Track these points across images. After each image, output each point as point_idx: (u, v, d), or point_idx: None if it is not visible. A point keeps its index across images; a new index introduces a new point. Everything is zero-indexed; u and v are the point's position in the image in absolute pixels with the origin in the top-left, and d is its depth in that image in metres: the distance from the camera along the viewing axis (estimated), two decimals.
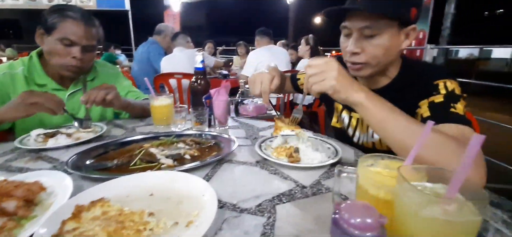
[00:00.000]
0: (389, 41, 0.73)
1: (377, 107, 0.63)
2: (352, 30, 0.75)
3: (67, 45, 1.03)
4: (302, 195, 0.60)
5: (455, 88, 0.72)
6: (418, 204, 0.31)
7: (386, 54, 0.75)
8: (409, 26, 0.75)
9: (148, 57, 2.83)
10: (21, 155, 0.83)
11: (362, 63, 0.77)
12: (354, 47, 0.76)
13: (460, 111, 0.68)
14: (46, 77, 1.10)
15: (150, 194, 0.57)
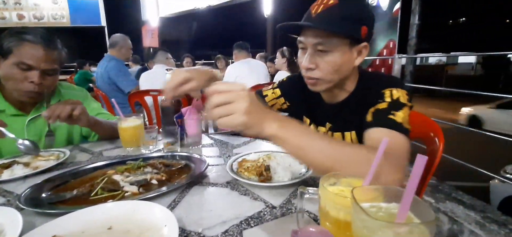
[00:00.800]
0: (341, 58, 0.76)
1: (292, 136, 0.58)
2: (307, 45, 0.78)
3: (24, 70, 0.97)
4: (271, 216, 0.59)
5: (400, 97, 0.73)
6: (370, 228, 0.31)
7: (338, 71, 0.78)
8: (360, 44, 0.77)
9: (108, 76, 2.60)
10: None
11: (316, 78, 0.79)
12: (308, 62, 0.78)
13: (398, 118, 0.69)
14: (4, 102, 1.04)
15: (109, 228, 0.53)
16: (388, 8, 4.90)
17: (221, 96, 0.55)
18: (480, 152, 3.55)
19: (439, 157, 0.89)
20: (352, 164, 0.58)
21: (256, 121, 0.56)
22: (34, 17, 9.31)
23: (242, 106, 0.54)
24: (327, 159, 0.58)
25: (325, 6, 0.74)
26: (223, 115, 0.54)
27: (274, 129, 0.57)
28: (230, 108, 0.54)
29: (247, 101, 0.54)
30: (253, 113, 0.55)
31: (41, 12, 9.40)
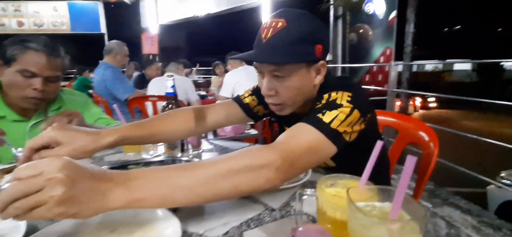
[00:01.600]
0: (299, 81, 0.72)
1: (149, 190, 0.48)
2: (264, 71, 0.75)
3: (27, 77, 0.99)
4: (270, 218, 0.60)
5: (338, 98, 0.67)
6: (365, 225, 0.32)
7: (299, 93, 0.75)
8: (318, 62, 0.73)
9: (105, 86, 2.57)
10: None
11: (278, 104, 0.77)
12: (267, 90, 0.74)
13: (327, 118, 0.63)
14: (6, 108, 1.05)
15: (111, 231, 0.54)
16: (384, 16, 5.00)
17: (23, 185, 0.40)
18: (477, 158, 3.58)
19: (434, 162, 0.91)
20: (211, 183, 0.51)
21: (86, 203, 0.43)
22: (34, 24, 9.35)
23: (55, 194, 0.40)
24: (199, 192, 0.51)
25: (274, 30, 0.69)
26: (27, 210, 0.40)
27: (123, 198, 0.46)
28: (38, 199, 0.40)
29: (63, 186, 0.41)
30: (77, 195, 0.42)
31: (41, 19, 9.45)
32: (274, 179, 0.55)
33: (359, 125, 0.68)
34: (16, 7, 9.29)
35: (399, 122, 1.08)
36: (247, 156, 0.55)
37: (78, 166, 0.45)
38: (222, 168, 0.53)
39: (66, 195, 0.41)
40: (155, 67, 4.40)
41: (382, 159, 0.93)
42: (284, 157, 0.56)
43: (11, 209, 0.40)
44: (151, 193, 0.48)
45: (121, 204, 0.46)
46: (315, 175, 0.81)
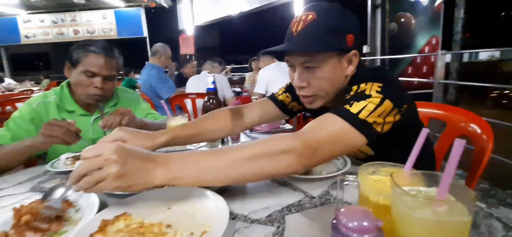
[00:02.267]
0: (331, 72, 0.72)
1: (185, 169, 0.57)
2: (294, 63, 0.75)
3: (90, 76, 1.13)
4: (310, 205, 0.62)
5: (367, 89, 0.66)
6: (410, 207, 0.33)
7: (331, 84, 0.74)
8: (349, 52, 0.73)
9: (150, 85, 2.79)
10: (52, 177, 0.91)
11: (310, 96, 0.77)
12: (299, 81, 0.75)
13: (355, 108, 0.63)
14: (75, 104, 1.21)
15: (168, 208, 0.62)
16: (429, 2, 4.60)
17: (88, 163, 0.51)
18: None
19: (488, 157, 0.84)
20: (237, 165, 0.58)
21: (135, 179, 0.53)
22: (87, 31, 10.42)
23: (112, 171, 0.50)
24: (227, 173, 0.58)
25: (305, 23, 0.70)
26: (93, 183, 0.51)
27: (163, 176, 0.55)
28: (100, 176, 0.51)
29: (118, 165, 0.51)
30: (129, 173, 0.52)
31: (92, 27, 10.48)
32: (296, 165, 0.59)
33: (393, 117, 0.66)
34: (72, 17, 10.44)
35: (447, 113, 1.01)
36: (271, 143, 0.60)
37: (128, 149, 0.55)
38: (247, 153, 0.58)
39: (120, 172, 0.51)
40: (191, 65, 4.63)
41: (427, 152, 0.89)
42: (307, 145, 0.59)
43: (82, 182, 0.52)
44: (186, 173, 0.57)
45: (162, 181, 0.55)
46: (353, 167, 0.81)
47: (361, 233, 0.35)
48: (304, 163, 0.60)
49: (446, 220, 0.31)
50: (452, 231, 0.31)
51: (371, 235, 0.35)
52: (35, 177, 0.92)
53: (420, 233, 0.33)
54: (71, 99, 1.21)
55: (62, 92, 1.21)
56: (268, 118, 1.05)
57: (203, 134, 0.94)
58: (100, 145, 0.55)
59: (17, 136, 1.06)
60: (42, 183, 0.87)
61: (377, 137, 0.65)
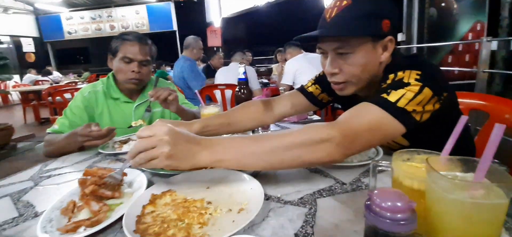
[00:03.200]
0: (364, 58, 0.71)
1: (229, 154, 0.61)
2: (327, 50, 0.75)
3: (127, 62, 1.26)
4: (342, 190, 0.64)
5: (404, 77, 0.65)
6: (446, 189, 0.34)
7: (364, 71, 0.73)
8: (385, 38, 0.71)
9: (183, 76, 2.95)
10: (103, 158, 1.03)
11: (342, 82, 0.76)
12: (331, 68, 0.74)
13: (393, 97, 0.62)
14: (119, 93, 1.34)
15: (207, 187, 0.67)
16: None
17: (143, 142, 0.58)
18: None
19: None
20: (277, 152, 0.60)
21: (183, 160, 0.58)
22: (121, 26, 11.05)
23: (164, 150, 0.56)
24: (267, 159, 0.60)
25: (339, 8, 0.69)
26: (147, 160, 0.57)
27: (207, 158, 0.59)
28: (153, 154, 0.57)
29: (168, 145, 0.56)
30: (177, 153, 0.57)
31: (127, 22, 11.08)
32: (334, 154, 0.60)
33: (433, 105, 0.65)
34: (108, 13, 11.13)
35: (490, 104, 0.96)
36: (310, 132, 0.61)
37: (178, 132, 0.60)
38: (286, 141, 0.61)
39: (171, 152, 0.57)
40: (218, 57, 4.74)
41: (466, 143, 0.85)
42: (345, 134, 0.60)
43: (138, 158, 0.58)
44: (229, 156, 0.61)
45: (206, 163, 0.61)
46: (386, 157, 0.81)
47: (395, 213, 0.36)
48: (343, 152, 0.60)
49: (482, 202, 0.32)
50: (488, 213, 0.32)
51: (404, 215, 0.36)
52: (89, 158, 1.04)
53: (455, 216, 0.34)
54: (116, 87, 1.33)
55: (108, 81, 1.35)
56: (298, 109, 1.06)
57: (234, 124, 0.99)
58: (155, 126, 0.60)
59: (74, 123, 1.20)
60: (96, 163, 0.98)
61: (416, 126, 0.64)
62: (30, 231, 0.58)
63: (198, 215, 0.54)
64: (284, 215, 0.56)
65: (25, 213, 0.65)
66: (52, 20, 11.47)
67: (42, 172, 0.93)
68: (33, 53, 11.79)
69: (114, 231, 0.55)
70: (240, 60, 2.99)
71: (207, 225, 0.53)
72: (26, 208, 0.68)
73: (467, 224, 0.35)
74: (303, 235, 0.49)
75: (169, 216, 0.55)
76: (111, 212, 0.61)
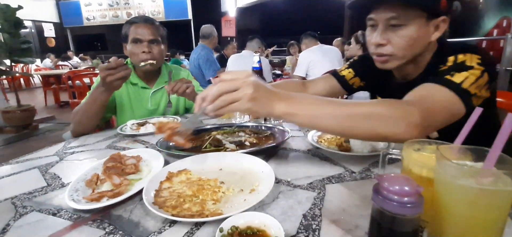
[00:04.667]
0: (416, 32, 0.71)
1: (304, 109, 0.60)
2: (378, 21, 0.75)
3: (137, 43, 1.30)
4: (351, 178, 0.66)
5: (466, 60, 0.66)
6: (454, 176, 0.35)
7: (413, 46, 0.73)
8: (439, 17, 0.71)
9: (198, 64, 2.99)
10: (121, 139, 1.08)
11: (387, 55, 0.76)
12: (380, 38, 0.74)
13: (458, 79, 0.62)
14: (137, 78, 1.38)
15: (220, 169, 0.70)
16: None
17: (226, 84, 0.56)
18: None
19: None
20: (354, 118, 0.59)
21: (262, 105, 0.57)
22: (138, 13, 11.21)
23: (247, 92, 0.55)
24: (341, 122, 0.59)
25: None
26: (228, 102, 0.56)
27: (283, 108, 0.58)
28: (236, 96, 0.55)
29: (252, 88, 0.55)
30: (259, 98, 0.56)
31: (143, 9, 11.23)
32: (412, 131, 0.58)
33: (486, 91, 0.66)
34: (125, 0, 11.30)
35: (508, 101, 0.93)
36: (389, 106, 0.60)
37: (258, 79, 0.60)
38: (365, 110, 0.60)
39: (254, 95, 0.55)
40: (232, 47, 4.76)
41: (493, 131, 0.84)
42: (423, 114, 0.59)
43: (218, 101, 0.57)
44: (304, 111, 0.60)
45: (281, 113, 0.59)
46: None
47: (402, 196, 0.38)
48: (421, 132, 0.59)
49: (489, 188, 0.33)
50: (495, 200, 0.33)
51: (411, 198, 0.37)
52: (108, 138, 1.10)
53: (462, 202, 0.35)
54: (134, 73, 1.38)
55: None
56: (329, 92, 1.09)
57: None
58: (236, 71, 0.60)
59: None
60: (115, 143, 1.03)
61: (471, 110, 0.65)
62: (58, 199, 0.63)
63: (212, 192, 0.58)
64: (293, 198, 0.58)
65: (53, 184, 0.71)
66: (71, 6, 11.78)
67: (66, 149, 0.99)
68: (54, 38, 12.20)
69: (134, 202, 0.59)
70: (256, 48, 3.00)
71: (220, 202, 0.56)
72: (54, 179, 0.74)
73: (473, 211, 0.36)
74: (311, 216, 0.51)
75: (185, 192, 0.59)
76: (131, 186, 0.65)
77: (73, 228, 0.52)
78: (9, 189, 0.69)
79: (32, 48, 4.17)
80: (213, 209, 0.53)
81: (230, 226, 0.46)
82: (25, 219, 0.56)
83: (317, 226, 0.49)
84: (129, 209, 0.57)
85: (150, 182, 0.61)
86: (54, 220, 0.55)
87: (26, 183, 0.71)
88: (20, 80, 8.83)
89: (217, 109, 0.57)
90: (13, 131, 3.88)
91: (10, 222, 0.55)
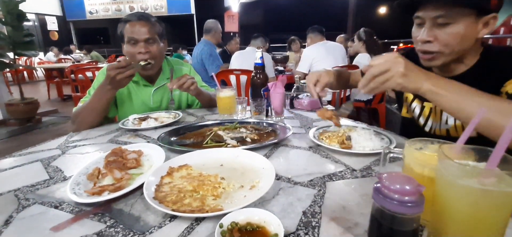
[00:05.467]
0: (464, 30, 0.70)
1: (450, 91, 0.63)
2: (425, 19, 0.74)
3: (134, 44, 1.24)
4: (351, 176, 0.66)
5: None
6: (457, 175, 0.35)
7: (460, 43, 0.72)
8: (489, 14, 0.70)
9: (201, 59, 2.99)
10: (123, 133, 1.08)
11: (434, 52, 0.75)
12: (427, 35, 0.74)
13: None
14: (139, 76, 1.36)
15: (220, 165, 0.70)
16: None
17: (378, 67, 0.65)
18: None
19: None
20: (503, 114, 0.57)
21: (412, 80, 0.64)
22: (140, 8, 11.17)
23: (399, 70, 0.63)
24: (494, 116, 0.58)
25: None
26: (381, 83, 0.65)
27: (430, 86, 0.63)
28: (389, 74, 0.64)
29: (403, 65, 0.63)
30: (409, 74, 0.63)
31: (146, 4, 11.18)
32: None
33: None
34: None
35: None
36: None
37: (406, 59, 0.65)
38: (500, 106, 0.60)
39: (405, 71, 0.63)
40: (235, 42, 4.75)
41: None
42: None
43: (372, 83, 0.66)
44: (450, 94, 0.63)
45: (427, 90, 0.64)
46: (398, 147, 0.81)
47: (403, 195, 0.38)
48: None
49: (490, 189, 0.32)
50: (496, 201, 0.32)
51: (412, 198, 0.37)
52: (110, 132, 1.10)
53: (463, 202, 0.35)
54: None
55: None
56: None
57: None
58: (384, 55, 0.67)
59: None
60: (117, 137, 1.04)
61: None
62: (60, 192, 0.63)
63: (212, 188, 0.58)
64: (293, 195, 0.58)
65: (55, 177, 0.71)
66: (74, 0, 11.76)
67: (68, 142, 1.00)
68: (57, 31, 12.21)
69: (135, 196, 0.59)
70: (259, 45, 2.99)
71: (220, 197, 0.56)
72: (56, 172, 0.74)
73: (475, 211, 0.35)
74: (311, 214, 0.51)
75: (185, 188, 0.59)
76: (132, 180, 0.65)
77: (74, 221, 0.52)
78: (12, 181, 0.70)
79: (35, 41, 4.18)
80: (213, 205, 0.53)
81: (230, 222, 0.46)
82: (27, 212, 0.56)
83: (316, 223, 0.49)
84: (130, 203, 0.57)
85: (151, 177, 0.62)
86: (56, 212, 0.55)
87: (28, 176, 0.72)
88: (23, 73, 8.88)
89: (371, 90, 0.67)
90: (17, 124, 3.91)
91: (13, 214, 0.55)
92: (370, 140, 0.80)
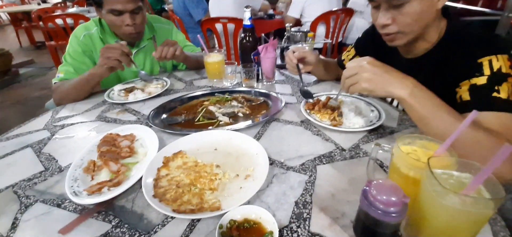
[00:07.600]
0: (419, 6, 0.67)
1: (421, 104, 0.63)
2: (380, 2, 0.70)
3: (117, 15, 1.12)
4: (340, 157, 0.69)
5: (502, 66, 0.64)
6: (438, 193, 0.38)
7: (419, 20, 0.70)
8: None
9: (183, 3, 2.73)
10: (111, 107, 1.05)
11: (394, 33, 0.73)
12: (384, 19, 0.71)
13: (504, 94, 0.62)
14: (115, 37, 1.26)
15: (215, 149, 0.72)
16: None
17: (349, 70, 0.69)
18: None
19: None
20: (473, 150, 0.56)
21: (380, 86, 0.65)
22: None
23: (364, 75, 0.66)
24: (449, 130, 0.58)
25: None
26: (350, 85, 0.69)
27: (405, 94, 0.63)
28: (356, 78, 0.67)
29: (369, 71, 0.65)
30: (376, 79, 0.65)
31: None
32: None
33: None
34: None
35: None
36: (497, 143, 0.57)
37: (378, 63, 0.67)
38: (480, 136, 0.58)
39: (370, 76, 0.66)
40: None
41: None
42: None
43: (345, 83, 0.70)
44: (420, 106, 0.63)
45: (400, 97, 0.64)
46: (389, 138, 0.83)
47: (388, 206, 0.41)
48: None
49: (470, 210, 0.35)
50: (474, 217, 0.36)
51: (396, 208, 0.41)
52: (97, 105, 1.07)
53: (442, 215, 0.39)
54: (111, 32, 1.24)
55: (102, 28, 1.24)
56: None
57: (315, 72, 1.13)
58: (357, 59, 0.70)
59: (79, 69, 1.17)
60: (104, 112, 1.01)
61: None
62: (59, 187, 0.64)
63: (209, 180, 0.60)
64: (286, 182, 0.61)
65: (50, 168, 0.72)
66: None
67: (55, 120, 0.97)
68: None
69: (134, 191, 0.61)
70: None
71: (218, 190, 0.59)
72: (49, 161, 0.74)
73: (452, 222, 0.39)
74: (303, 204, 0.56)
75: (183, 181, 0.61)
76: (129, 172, 0.67)
77: (80, 221, 0.55)
78: (6, 174, 0.70)
79: None
80: (212, 200, 0.56)
81: (228, 220, 0.50)
82: (31, 212, 0.58)
83: (307, 215, 0.53)
84: (131, 199, 0.59)
85: (147, 171, 0.63)
86: (60, 212, 0.58)
87: (23, 167, 0.72)
88: None
89: (347, 91, 0.71)
90: None
91: (18, 215, 0.57)
92: (359, 115, 0.82)
